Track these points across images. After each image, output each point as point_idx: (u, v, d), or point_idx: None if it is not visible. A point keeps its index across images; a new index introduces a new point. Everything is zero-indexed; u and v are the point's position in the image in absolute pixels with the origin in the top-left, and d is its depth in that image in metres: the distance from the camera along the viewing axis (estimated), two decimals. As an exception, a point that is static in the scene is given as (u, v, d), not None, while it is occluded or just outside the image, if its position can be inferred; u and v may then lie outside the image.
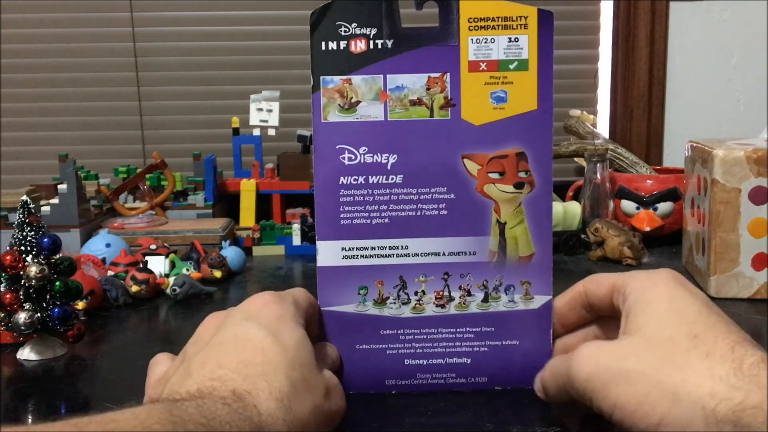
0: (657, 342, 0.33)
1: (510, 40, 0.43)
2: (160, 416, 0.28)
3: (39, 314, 0.52)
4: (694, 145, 0.74)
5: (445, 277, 0.45)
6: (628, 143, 1.25)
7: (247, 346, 0.34)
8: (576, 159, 1.16)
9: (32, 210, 0.53)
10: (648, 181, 0.94)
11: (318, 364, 0.37)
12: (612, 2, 1.26)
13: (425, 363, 0.45)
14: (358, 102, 0.44)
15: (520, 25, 0.43)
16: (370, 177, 0.44)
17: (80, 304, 0.61)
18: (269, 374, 0.33)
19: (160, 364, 0.39)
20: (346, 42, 0.43)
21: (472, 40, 0.43)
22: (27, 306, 0.52)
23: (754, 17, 1.24)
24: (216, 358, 0.34)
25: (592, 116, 1.20)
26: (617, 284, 0.40)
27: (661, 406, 0.32)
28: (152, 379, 0.38)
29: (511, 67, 0.44)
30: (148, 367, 0.40)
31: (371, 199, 0.44)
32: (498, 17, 0.43)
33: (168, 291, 0.69)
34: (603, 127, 1.30)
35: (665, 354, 0.32)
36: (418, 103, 0.44)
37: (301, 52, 1.24)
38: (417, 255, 0.45)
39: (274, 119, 1.01)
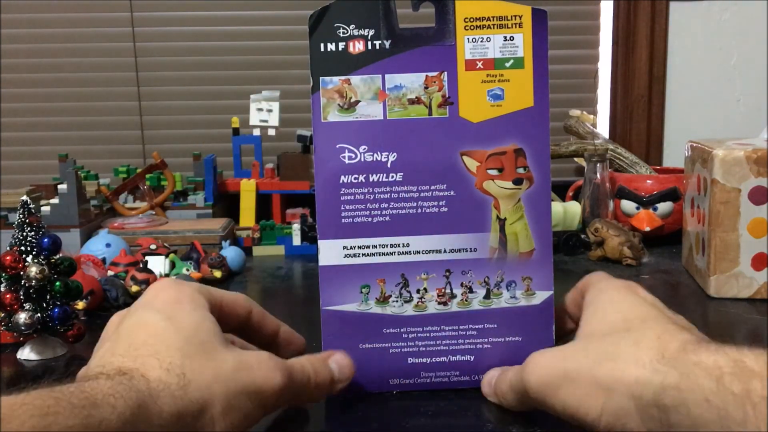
0: (595, 339, 0.35)
1: (505, 39, 0.44)
2: (39, 393, 0.27)
3: (39, 314, 0.52)
4: (694, 145, 0.74)
5: (447, 274, 0.45)
6: (628, 143, 1.25)
7: (141, 331, 0.34)
8: (576, 159, 1.16)
9: (32, 210, 0.53)
10: (648, 181, 0.94)
11: (227, 344, 0.36)
12: (612, 2, 1.26)
13: (428, 361, 0.45)
14: (358, 102, 0.44)
15: (515, 24, 0.44)
16: (370, 175, 0.44)
17: (80, 304, 0.61)
18: (161, 352, 0.33)
19: None
20: (344, 43, 0.44)
21: (468, 39, 0.44)
22: (27, 306, 0.52)
23: (754, 17, 1.24)
24: (110, 347, 0.34)
25: (592, 116, 1.20)
26: (581, 289, 0.43)
27: (598, 400, 0.33)
28: None
29: (507, 65, 0.44)
30: None
31: (372, 197, 0.44)
32: (493, 17, 0.44)
33: (168, 291, 0.69)
34: (603, 127, 1.30)
35: (601, 349, 0.34)
36: (416, 101, 0.44)
37: (301, 52, 1.24)
38: (418, 252, 0.45)
39: (274, 119, 1.01)
